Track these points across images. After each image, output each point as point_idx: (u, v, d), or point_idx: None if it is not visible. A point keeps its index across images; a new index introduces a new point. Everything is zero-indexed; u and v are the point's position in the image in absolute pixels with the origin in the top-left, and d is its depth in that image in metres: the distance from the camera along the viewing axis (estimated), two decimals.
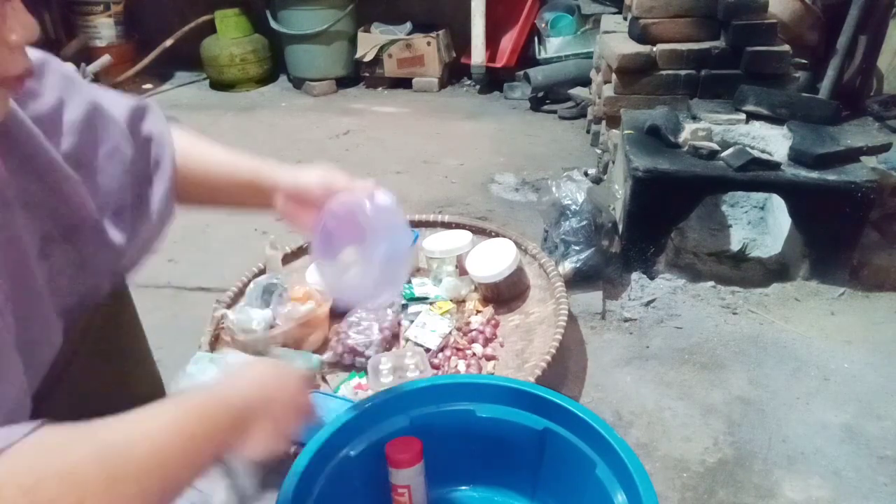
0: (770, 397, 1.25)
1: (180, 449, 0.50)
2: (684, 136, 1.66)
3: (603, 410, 1.21)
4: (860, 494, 1.05)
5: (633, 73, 2.04)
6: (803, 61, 2.38)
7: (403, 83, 3.35)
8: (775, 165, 1.50)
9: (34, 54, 0.56)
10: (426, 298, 1.41)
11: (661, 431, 1.17)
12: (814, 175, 1.47)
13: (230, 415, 0.57)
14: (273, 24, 3.28)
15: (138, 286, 0.85)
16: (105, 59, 3.05)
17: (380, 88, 3.39)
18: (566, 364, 1.33)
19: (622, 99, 2.08)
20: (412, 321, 1.34)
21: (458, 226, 1.61)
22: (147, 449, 0.48)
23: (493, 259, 1.40)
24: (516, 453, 0.94)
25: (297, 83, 3.43)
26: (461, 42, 3.32)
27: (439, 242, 1.48)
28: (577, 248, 1.51)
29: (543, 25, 3.10)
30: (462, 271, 1.46)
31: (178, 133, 0.77)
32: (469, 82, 3.35)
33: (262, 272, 1.45)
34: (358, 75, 3.43)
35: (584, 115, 2.72)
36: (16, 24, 0.50)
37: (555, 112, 2.87)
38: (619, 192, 1.73)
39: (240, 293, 1.41)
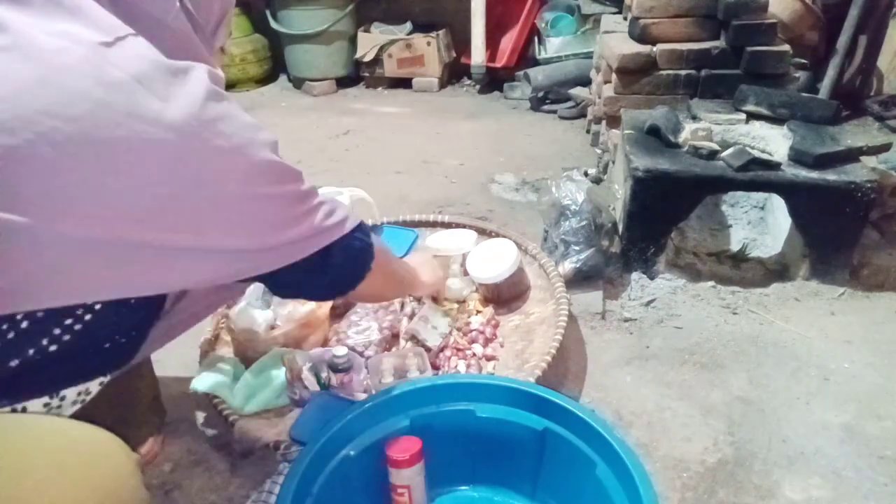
0: (770, 397, 1.25)
1: (405, 278, 1.08)
2: (684, 136, 1.65)
3: (603, 410, 1.21)
4: (860, 494, 1.05)
5: (633, 73, 2.04)
6: (803, 61, 2.38)
7: (403, 83, 3.35)
8: (775, 165, 1.50)
9: None
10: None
11: (661, 431, 1.17)
12: (814, 175, 1.47)
13: (416, 280, 1.15)
14: (273, 24, 3.28)
15: None
16: None
17: (380, 88, 3.39)
18: (566, 364, 1.33)
19: (622, 99, 2.08)
20: (412, 316, 1.33)
21: (458, 226, 1.61)
22: (400, 270, 1.05)
23: (494, 260, 1.40)
24: (516, 453, 0.94)
25: (297, 83, 3.43)
26: (461, 42, 3.32)
27: (445, 240, 1.48)
28: (577, 248, 1.51)
29: (543, 25, 3.10)
30: (463, 271, 1.46)
31: None
32: (469, 82, 3.35)
33: None
34: (358, 75, 3.43)
35: (584, 115, 2.72)
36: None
37: (555, 112, 2.87)
38: (619, 192, 1.73)
39: None
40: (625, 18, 2.36)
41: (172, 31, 0.63)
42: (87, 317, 0.65)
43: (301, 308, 1.28)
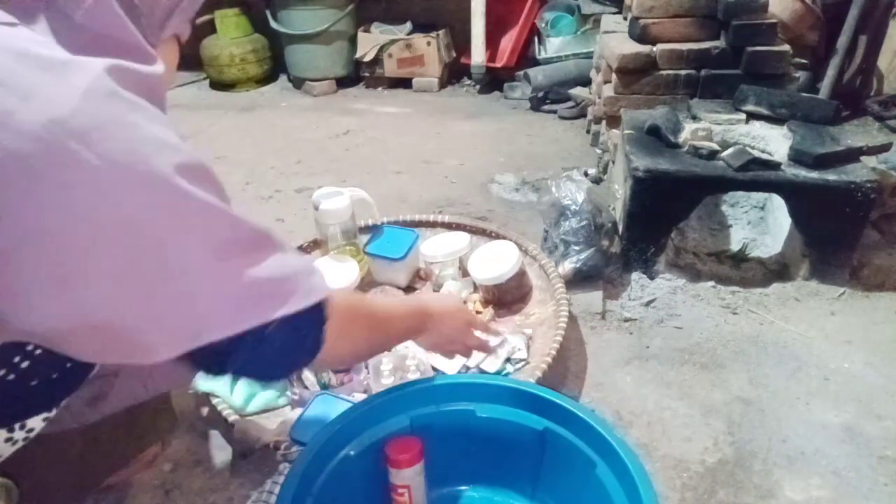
0: (770, 397, 1.25)
1: (393, 321, 0.84)
2: (684, 136, 1.66)
3: (603, 410, 1.21)
4: (860, 494, 1.05)
5: (633, 73, 2.04)
6: (803, 61, 2.38)
7: (403, 83, 3.35)
8: (775, 165, 1.50)
9: None
10: None
11: (661, 431, 1.17)
12: (814, 175, 1.47)
13: (419, 316, 0.89)
14: (273, 24, 3.28)
15: None
16: None
17: (380, 88, 3.39)
18: (566, 364, 1.33)
19: (622, 99, 2.08)
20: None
21: (458, 226, 1.61)
22: (381, 313, 0.81)
23: (495, 261, 1.40)
24: (516, 453, 0.94)
25: (297, 83, 3.43)
26: (461, 42, 3.32)
27: (438, 246, 1.48)
28: (577, 248, 1.51)
29: (543, 25, 3.10)
30: (463, 272, 1.46)
31: None
32: (469, 82, 3.35)
33: None
34: (358, 75, 3.43)
35: (584, 115, 2.72)
36: None
37: (555, 112, 2.87)
38: (619, 192, 1.73)
39: None
40: (625, 18, 2.36)
41: (80, 26, 0.51)
42: None
43: None
